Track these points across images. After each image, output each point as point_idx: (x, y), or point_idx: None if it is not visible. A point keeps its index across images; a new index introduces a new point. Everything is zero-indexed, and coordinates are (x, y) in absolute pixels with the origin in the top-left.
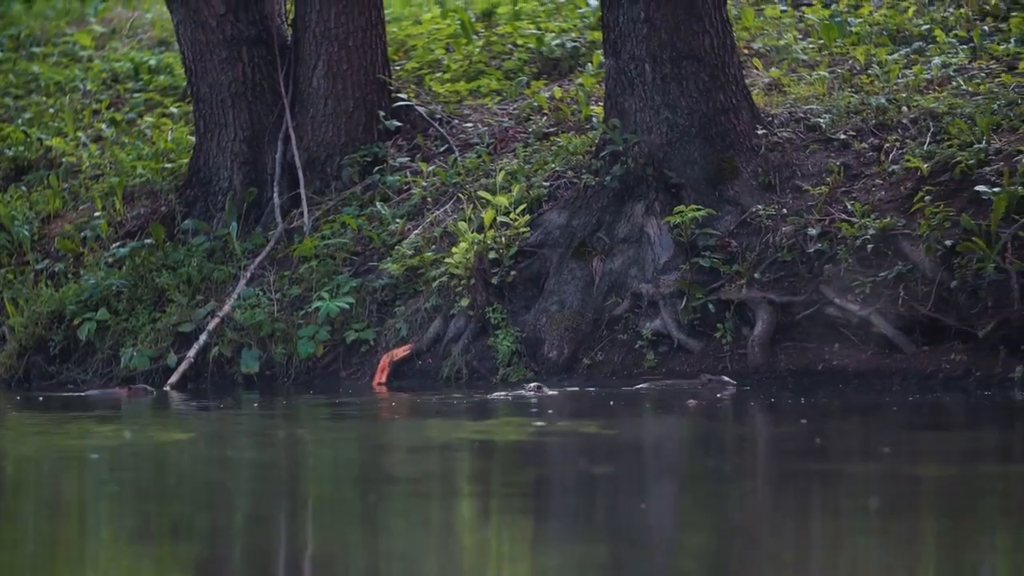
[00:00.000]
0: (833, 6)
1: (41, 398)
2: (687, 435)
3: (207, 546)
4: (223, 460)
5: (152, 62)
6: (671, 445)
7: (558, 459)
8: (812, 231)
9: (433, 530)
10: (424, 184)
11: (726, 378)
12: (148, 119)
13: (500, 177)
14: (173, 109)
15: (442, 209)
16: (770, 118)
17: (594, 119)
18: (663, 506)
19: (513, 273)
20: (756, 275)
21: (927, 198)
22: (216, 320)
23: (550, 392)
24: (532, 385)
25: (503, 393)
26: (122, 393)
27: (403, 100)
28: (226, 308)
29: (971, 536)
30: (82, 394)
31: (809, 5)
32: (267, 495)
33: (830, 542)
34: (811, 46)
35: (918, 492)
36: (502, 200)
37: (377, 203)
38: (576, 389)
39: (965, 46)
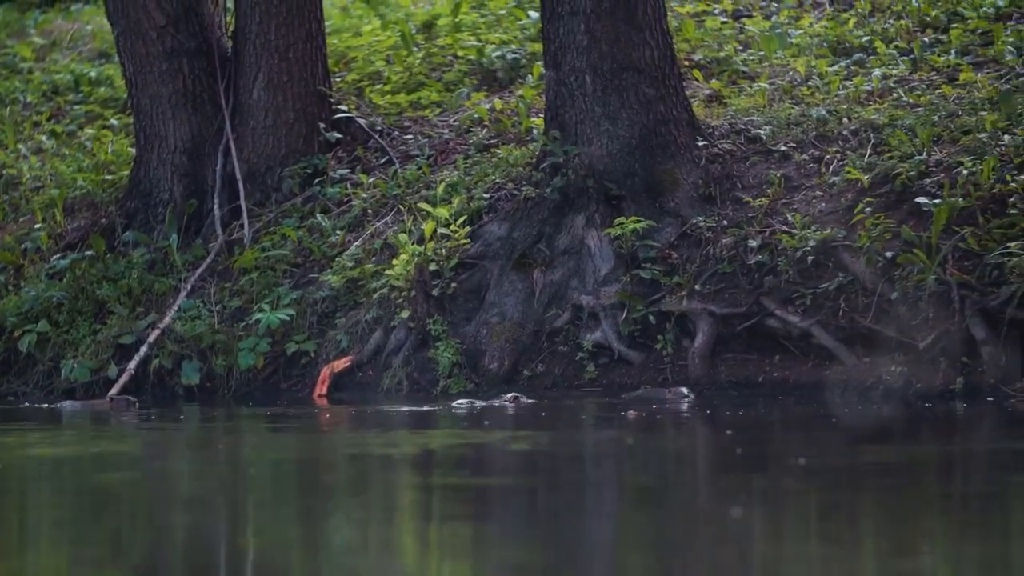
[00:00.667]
0: (774, 18)
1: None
2: (609, 446)
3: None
4: (145, 471)
5: (92, 74)
6: (588, 456)
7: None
8: (753, 243)
9: (369, 542)
10: (364, 196)
11: (684, 390)
12: (88, 131)
13: (440, 189)
14: (113, 121)
15: (382, 221)
16: (711, 130)
17: (534, 131)
18: (523, 519)
19: (454, 285)
20: (697, 287)
21: (868, 210)
22: (157, 332)
23: (526, 401)
24: (510, 396)
25: (468, 402)
26: (104, 404)
27: (343, 112)
28: (166, 320)
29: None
30: (57, 405)
31: (750, 17)
32: (195, 502)
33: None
34: (752, 58)
35: (802, 505)
36: (442, 212)
37: (317, 215)
38: (546, 400)
39: (905, 57)
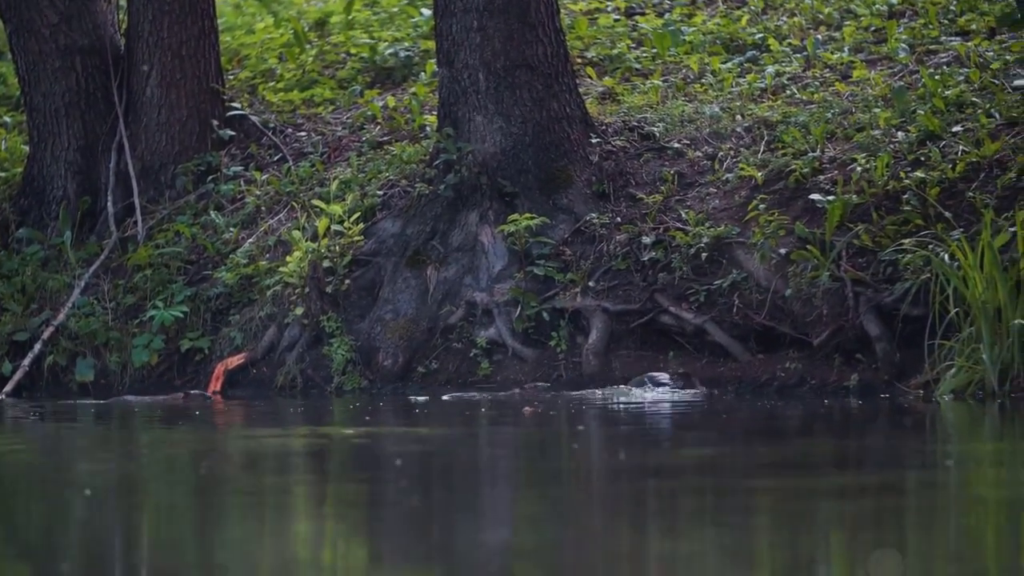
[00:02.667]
0: (667, 15)
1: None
2: (466, 443)
3: None
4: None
5: None
6: (432, 453)
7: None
8: (646, 239)
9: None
10: (258, 193)
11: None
12: None
13: (334, 186)
14: (7, 119)
15: (276, 218)
16: (604, 127)
17: (428, 128)
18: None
19: (347, 282)
20: (590, 283)
21: (761, 206)
22: (51, 329)
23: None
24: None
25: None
26: (179, 399)
27: (237, 109)
28: (60, 317)
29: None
30: (131, 399)
31: (642, 14)
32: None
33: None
34: (645, 55)
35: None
36: (336, 209)
37: (211, 212)
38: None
39: (799, 55)
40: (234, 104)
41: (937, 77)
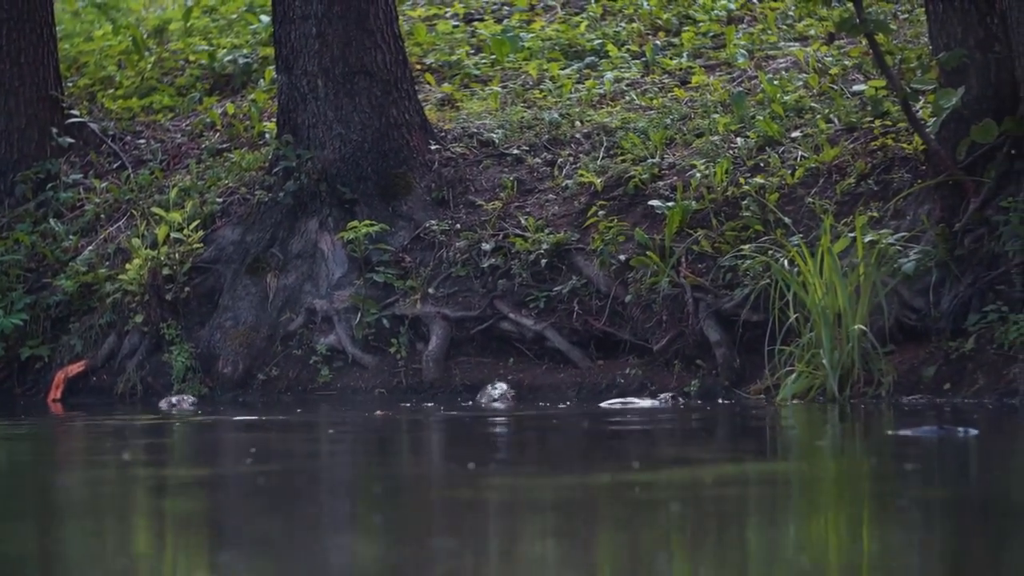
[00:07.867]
0: (505, 21)
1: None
2: (274, 444)
3: None
4: None
5: None
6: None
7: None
8: (486, 246)
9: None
10: (97, 200)
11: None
12: None
13: (173, 193)
14: None
15: (116, 225)
16: (443, 133)
17: (267, 135)
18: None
19: (187, 289)
20: (430, 290)
21: (601, 213)
22: None
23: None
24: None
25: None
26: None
27: (76, 117)
28: None
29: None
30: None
31: (481, 20)
32: None
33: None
34: (484, 61)
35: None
36: (175, 216)
37: (51, 220)
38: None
39: (637, 61)
40: (73, 112)
41: (776, 82)
